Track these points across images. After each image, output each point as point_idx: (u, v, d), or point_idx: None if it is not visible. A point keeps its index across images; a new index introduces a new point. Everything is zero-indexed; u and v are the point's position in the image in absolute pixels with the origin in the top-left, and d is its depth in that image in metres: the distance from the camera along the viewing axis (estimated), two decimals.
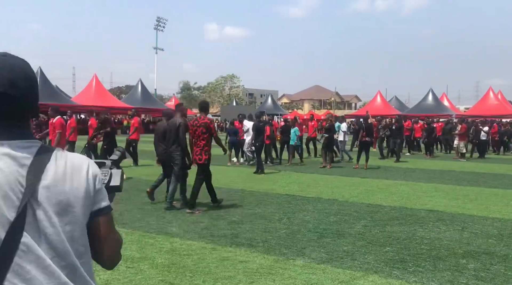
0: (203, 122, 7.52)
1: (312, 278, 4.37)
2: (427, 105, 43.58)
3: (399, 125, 18.03)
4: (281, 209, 7.75)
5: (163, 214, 7.16)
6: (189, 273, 4.44)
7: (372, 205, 8.27)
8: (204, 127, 7.47)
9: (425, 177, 12.50)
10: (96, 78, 45.06)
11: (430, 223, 6.83)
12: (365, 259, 5.02)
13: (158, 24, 64.37)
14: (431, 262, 4.97)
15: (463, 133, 18.41)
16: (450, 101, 51.61)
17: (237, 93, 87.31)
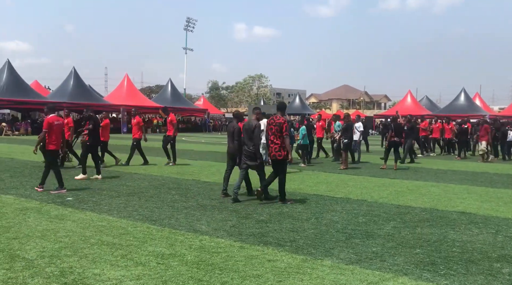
0: (279, 122, 8.15)
1: (340, 279, 4.35)
2: (459, 105, 42.56)
3: (411, 125, 17.55)
4: (309, 209, 7.74)
5: (193, 211, 7.26)
6: (218, 270, 4.50)
7: (401, 206, 8.14)
8: (279, 126, 8.11)
9: (456, 179, 12.21)
10: (127, 78, 46.00)
11: (462, 226, 6.68)
12: (394, 260, 4.96)
13: (188, 24, 65.16)
14: (463, 265, 4.86)
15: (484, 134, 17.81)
16: (483, 101, 50.22)
17: (265, 92, 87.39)
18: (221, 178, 10.80)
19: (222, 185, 8.97)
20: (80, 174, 10.81)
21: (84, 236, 5.67)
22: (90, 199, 8.11)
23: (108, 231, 5.92)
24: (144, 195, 8.66)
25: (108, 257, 4.82)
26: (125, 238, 5.62)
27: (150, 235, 5.76)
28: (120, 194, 8.77)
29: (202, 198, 8.49)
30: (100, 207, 7.49)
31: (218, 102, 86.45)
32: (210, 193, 9.14)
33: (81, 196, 8.45)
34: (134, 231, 5.98)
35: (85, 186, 9.63)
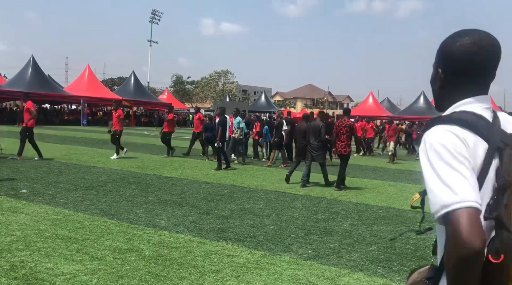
0: (348, 124, 10.05)
1: (298, 274, 4.41)
2: (418, 107, 43.87)
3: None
4: (270, 205, 7.79)
5: (153, 207, 7.16)
6: (176, 265, 4.46)
7: (360, 204, 8.34)
8: (348, 127, 9.99)
9: (413, 179, 12.61)
10: (89, 68, 44.72)
11: (416, 224, 6.91)
12: (351, 257, 5.08)
13: (153, 16, 63.96)
14: (416, 261, 5.04)
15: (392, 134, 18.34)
16: None
17: (230, 89, 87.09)
18: (182, 173, 10.81)
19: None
20: None
21: (38, 229, 5.49)
22: (45, 192, 7.86)
23: (64, 225, 5.75)
24: (102, 189, 8.46)
25: (63, 251, 4.69)
26: (81, 232, 5.48)
27: (107, 230, 5.64)
28: (78, 187, 8.54)
29: (163, 194, 8.39)
30: (56, 200, 7.27)
31: (183, 97, 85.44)
32: (171, 188, 9.04)
33: (36, 188, 8.16)
34: (91, 225, 5.84)
35: (41, 178, 9.32)
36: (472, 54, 1.36)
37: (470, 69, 1.38)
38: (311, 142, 10.22)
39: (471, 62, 1.37)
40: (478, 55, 1.36)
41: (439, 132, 1.28)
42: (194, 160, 14.62)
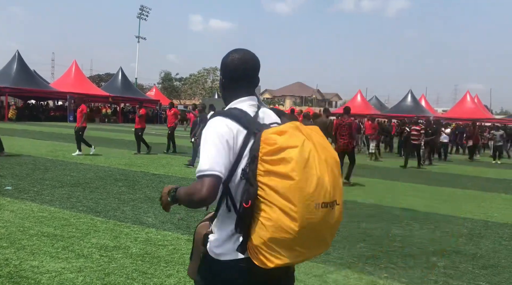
0: (348, 122, 10.60)
1: None
2: (406, 106, 44.18)
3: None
4: None
5: (140, 204, 7.11)
6: (163, 263, 4.43)
7: (348, 201, 8.36)
8: (348, 125, 10.55)
9: (402, 176, 12.71)
10: (75, 64, 44.20)
11: (404, 221, 6.96)
12: (339, 254, 5.09)
13: (141, 12, 63.45)
14: (403, 259, 5.07)
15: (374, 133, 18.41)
16: (428, 102, 52.46)
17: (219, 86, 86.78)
18: (170, 170, 10.75)
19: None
20: None
21: (23, 227, 5.40)
22: (31, 189, 7.74)
23: (49, 222, 5.67)
24: (89, 186, 8.37)
25: (48, 249, 4.62)
26: (67, 229, 5.41)
27: (93, 227, 5.58)
28: (64, 184, 8.43)
29: (150, 191, 8.33)
30: (42, 197, 7.17)
31: (171, 94, 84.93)
32: (159, 185, 8.98)
33: (21, 185, 8.04)
34: (77, 222, 5.77)
35: (26, 175, 9.18)
36: (238, 66, 1.97)
37: (238, 77, 1.98)
38: None
39: (238, 72, 1.97)
40: (241, 68, 1.97)
41: (216, 121, 1.83)
42: (182, 157, 14.53)
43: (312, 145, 1.76)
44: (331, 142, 10.43)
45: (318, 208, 1.70)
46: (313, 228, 1.71)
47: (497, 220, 7.51)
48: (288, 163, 1.68)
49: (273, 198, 1.69)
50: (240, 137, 1.80)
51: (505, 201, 9.53)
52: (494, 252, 5.55)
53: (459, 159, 21.19)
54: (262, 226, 1.71)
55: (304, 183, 1.68)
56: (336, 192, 1.79)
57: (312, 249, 1.80)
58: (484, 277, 4.63)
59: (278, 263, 1.72)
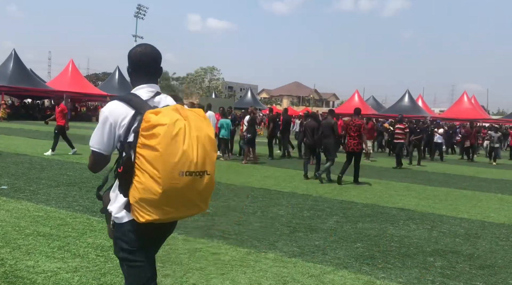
0: (358, 123, 10.71)
1: (283, 272, 4.40)
2: (403, 106, 44.29)
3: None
4: (256, 202, 7.77)
5: None
6: (159, 263, 4.40)
7: (345, 201, 8.37)
8: (358, 126, 10.65)
9: (397, 177, 12.72)
10: (72, 63, 44.07)
11: (400, 221, 6.96)
12: (336, 254, 5.09)
13: (138, 11, 63.24)
14: (400, 259, 5.07)
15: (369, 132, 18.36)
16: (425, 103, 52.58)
17: (216, 85, 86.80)
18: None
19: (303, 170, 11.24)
20: None
21: (19, 226, 5.38)
22: (27, 188, 7.71)
23: (45, 222, 5.65)
24: (85, 186, 8.34)
25: (44, 249, 4.60)
26: (63, 229, 5.38)
27: (90, 227, 5.56)
28: (60, 183, 8.40)
29: None
30: (38, 196, 7.14)
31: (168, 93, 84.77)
32: None
33: (17, 184, 8.00)
34: (73, 222, 5.74)
35: (22, 174, 9.14)
36: (140, 58, 2.35)
37: (140, 67, 2.36)
38: (324, 139, 10.88)
39: (140, 63, 2.35)
40: (144, 59, 2.35)
41: (111, 103, 2.25)
42: None
43: (186, 124, 2.12)
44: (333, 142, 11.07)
45: (182, 175, 2.07)
46: (178, 191, 2.09)
47: (494, 220, 7.53)
48: (156, 138, 2.05)
49: (144, 166, 2.08)
50: (128, 116, 2.20)
51: (501, 202, 9.55)
52: (491, 253, 5.55)
53: (454, 159, 21.24)
54: (135, 188, 2.12)
55: (169, 155, 2.04)
56: (207, 164, 2.17)
57: (181, 209, 2.18)
58: (481, 277, 4.63)
59: (148, 218, 2.11)
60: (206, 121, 2.26)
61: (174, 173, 2.06)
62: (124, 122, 2.20)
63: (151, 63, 2.37)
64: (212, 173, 2.22)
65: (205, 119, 2.25)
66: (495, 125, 23.92)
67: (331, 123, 10.98)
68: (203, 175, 2.15)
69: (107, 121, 2.21)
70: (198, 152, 2.12)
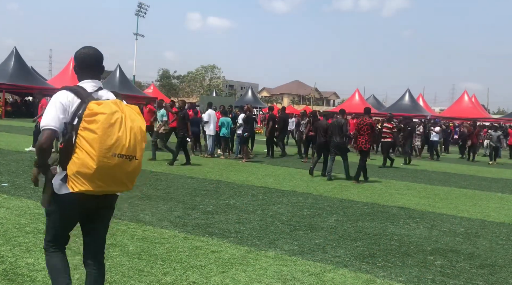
0: (369, 122, 10.99)
1: (283, 270, 4.40)
2: (403, 104, 44.22)
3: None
4: (256, 201, 7.78)
5: (137, 202, 7.09)
6: (160, 261, 4.41)
7: (345, 200, 8.37)
8: (369, 125, 10.93)
9: (398, 175, 12.72)
10: (73, 61, 43.93)
11: (401, 220, 6.96)
12: (336, 252, 5.09)
13: (139, 9, 63.19)
14: (400, 258, 5.07)
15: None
16: (426, 102, 52.52)
17: (217, 84, 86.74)
18: (167, 168, 10.81)
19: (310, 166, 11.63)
20: None
21: (19, 224, 5.38)
22: (27, 186, 7.70)
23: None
24: None
25: None
26: None
27: None
28: None
29: (147, 188, 8.31)
30: (38, 194, 7.12)
31: (169, 91, 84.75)
32: (156, 183, 8.97)
33: (18, 182, 8.01)
34: None
35: (22, 171, 9.15)
36: (84, 58, 2.83)
37: (84, 66, 2.83)
38: (335, 138, 11.08)
39: (84, 62, 2.83)
40: (87, 59, 2.83)
41: (60, 91, 2.68)
42: (179, 155, 14.50)
43: (123, 116, 2.59)
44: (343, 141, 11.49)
45: (114, 156, 2.52)
46: (109, 169, 2.53)
47: (494, 219, 7.53)
48: (96, 123, 2.50)
49: (83, 145, 2.51)
50: (75, 104, 2.62)
51: (501, 201, 9.55)
52: (491, 252, 5.55)
53: (453, 158, 21.22)
54: (73, 162, 2.53)
55: (105, 138, 2.49)
56: (136, 151, 2.62)
57: (110, 185, 2.60)
58: (481, 276, 4.63)
59: (81, 189, 2.54)
60: (140, 116, 2.73)
61: (108, 154, 2.50)
62: (72, 108, 2.62)
63: (94, 63, 2.84)
64: (140, 158, 2.67)
65: (139, 114, 2.72)
66: (495, 124, 23.78)
67: (341, 122, 11.16)
68: (132, 159, 2.61)
69: (59, 104, 2.61)
70: (130, 140, 2.57)
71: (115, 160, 2.53)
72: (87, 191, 2.55)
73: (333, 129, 11.17)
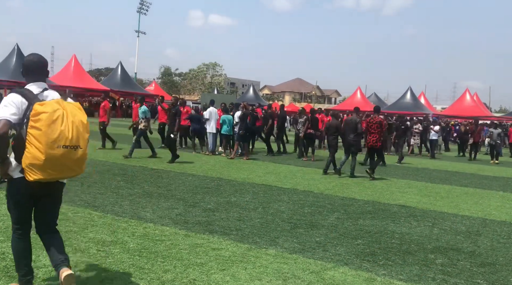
0: (378, 120, 11.27)
1: (283, 268, 4.40)
2: (405, 103, 44.17)
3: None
4: (257, 198, 7.77)
5: (138, 199, 7.09)
6: (160, 258, 4.42)
7: (346, 198, 8.37)
8: (378, 123, 11.17)
9: (399, 174, 12.70)
10: (75, 58, 44.04)
11: (401, 218, 6.96)
12: (336, 250, 5.08)
13: (141, 7, 63.20)
14: (401, 256, 5.06)
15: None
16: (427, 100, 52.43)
17: (219, 81, 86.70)
18: (169, 165, 10.82)
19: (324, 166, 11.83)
20: None
21: None
22: None
23: None
24: (87, 181, 8.35)
25: None
26: (64, 224, 5.39)
27: (91, 222, 5.57)
28: None
29: (148, 186, 8.31)
30: None
31: (171, 89, 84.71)
32: (158, 180, 8.97)
33: None
34: (75, 217, 5.75)
35: None
36: (29, 65, 3.29)
37: (30, 71, 3.28)
38: (349, 136, 11.39)
39: (29, 68, 3.29)
40: (32, 66, 3.28)
41: (11, 94, 3.09)
42: (181, 153, 14.52)
43: (64, 112, 3.04)
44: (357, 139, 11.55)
45: (59, 148, 2.98)
46: (57, 159, 2.99)
47: (495, 218, 7.52)
48: (40, 121, 2.94)
49: (32, 141, 2.95)
50: (24, 105, 3.06)
51: (503, 199, 9.53)
52: (492, 250, 5.55)
53: (454, 156, 21.18)
54: (26, 156, 2.98)
55: (49, 133, 2.94)
56: (80, 141, 3.08)
57: (61, 172, 3.08)
58: (482, 275, 4.63)
59: (35, 177, 2.99)
60: (82, 111, 3.18)
61: (54, 146, 2.96)
62: (22, 108, 3.05)
63: (38, 69, 3.30)
64: (84, 147, 3.13)
65: (80, 109, 3.18)
66: (495, 122, 23.60)
67: (356, 121, 11.36)
68: (77, 148, 3.07)
69: (12, 103, 3.04)
70: (72, 132, 3.02)
71: (61, 150, 2.98)
72: (41, 179, 3.01)
73: (347, 127, 11.43)
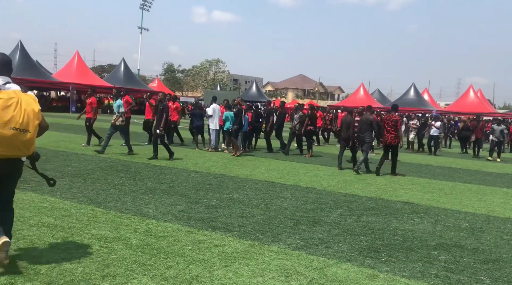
0: (395, 119, 11.43)
1: (286, 264, 4.39)
2: (408, 99, 44.10)
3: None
4: (260, 195, 7.77)
5: (141, 195, 7.10)
6: (163, 255, 4.42)
7: (349, 194, 8.35)
8: (395, 122, 11.37)
9: (402, 170, 12.66)
10: (78, 55, 44.08)
11: (404, 215, 6.94)
12: (339, 247, 5.08)
13: (144, 3, 63.12)
14: (404, 252, 5.05)
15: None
16: (431, 96, 52.30)
17: (221, 78, 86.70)
18: (171, 162, 10.83)
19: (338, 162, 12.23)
20: None
21: (24, 217, 5.41)
22: (32, 179, 7.73)
23: (50, 213, 5.67)
24: (90, 177, 8.37)
25: (48, 240, 4.62)
26: (67, 220, 5.41)
27: (94, 218, 5.58)
28: (65, 174, 8.43)
29: (151, 182, 8.32)
30: (42, 187, 7.17)
31: (173, 85, 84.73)
32: (160, 177, 8.98)
33: (22, 175, 8.01)
34: (78, 213, 5.76)
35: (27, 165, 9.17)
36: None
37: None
38: (363, 133, 11.73)
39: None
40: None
41: None
42: (184, 149, 14.53)
43: (19, 101, 3.57)
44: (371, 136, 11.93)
45: (10, 129, 3.49)
46: (8, 139, 3.49)
47: (499, 214, 7.49)
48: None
49: None
50: None
51: (506, 196, 9.50)
52: (495, 247, 5.53)
53: (457, 152, 21.10)
54: None
55: (3, 115, 3.47)
56: (29, 126, 3.60)
57: (10, 150, 3.56)
58: (485, 272, 4.61)
59: None
60: (35, 102, 3.70)
61: (6, 127, 3.48)
62: None
63: (3, 65, 3.78)
64: (33, 131, 3.64)
65: (34, 100, 3.70)
66: (498, 118, 23.39)
67: (370, 118, 11.71)
68: (26, 132, 3.58)
69: None
70: (23, 117, 3.55)
71: (11, 132, 3.49)
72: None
73: (361, 125, 11.79)
